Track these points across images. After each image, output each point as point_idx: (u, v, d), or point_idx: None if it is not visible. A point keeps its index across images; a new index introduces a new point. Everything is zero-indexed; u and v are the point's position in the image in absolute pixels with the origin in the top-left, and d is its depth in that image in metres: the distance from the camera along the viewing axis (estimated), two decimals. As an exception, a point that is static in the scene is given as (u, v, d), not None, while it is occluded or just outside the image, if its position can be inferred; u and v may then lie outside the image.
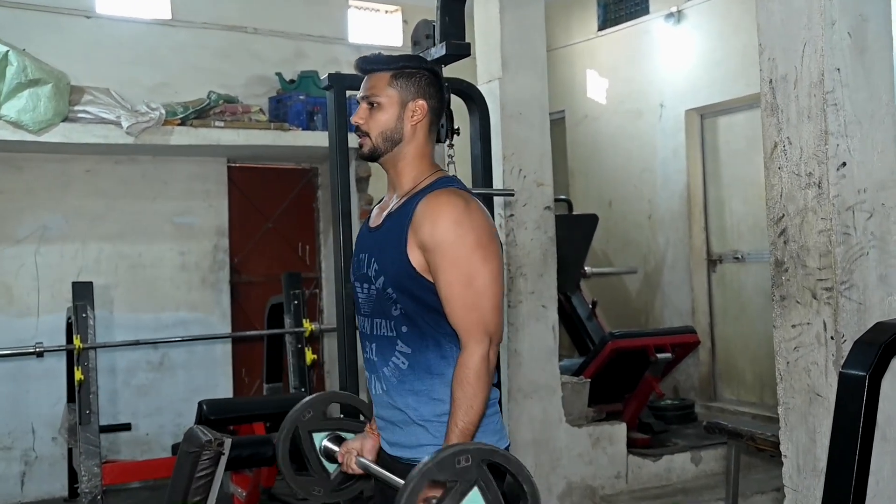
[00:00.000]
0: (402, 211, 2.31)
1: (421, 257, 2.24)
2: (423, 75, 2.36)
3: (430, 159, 2.41)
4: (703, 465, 5.60)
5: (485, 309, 2.21)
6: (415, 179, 2.36)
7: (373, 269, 2.33)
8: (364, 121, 2.35)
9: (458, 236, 2.20)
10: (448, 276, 2.21)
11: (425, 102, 2.35)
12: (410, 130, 2.34)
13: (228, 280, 6.72)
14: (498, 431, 2.36)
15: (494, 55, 5.06)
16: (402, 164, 2.37)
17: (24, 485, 5.97)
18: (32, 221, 6.05)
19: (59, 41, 6.03)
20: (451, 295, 2.21)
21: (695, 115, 6.96)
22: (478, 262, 2.21)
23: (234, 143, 6.06)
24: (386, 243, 2.32)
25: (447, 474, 1.88)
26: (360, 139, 2.38)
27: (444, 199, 2.25)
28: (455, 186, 2.34)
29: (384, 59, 2.37)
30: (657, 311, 7.19)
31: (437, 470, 1.88)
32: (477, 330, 2.20)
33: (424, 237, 2.22)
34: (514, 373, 4.98)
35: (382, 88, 2.33)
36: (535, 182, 5.08)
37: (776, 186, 3.13)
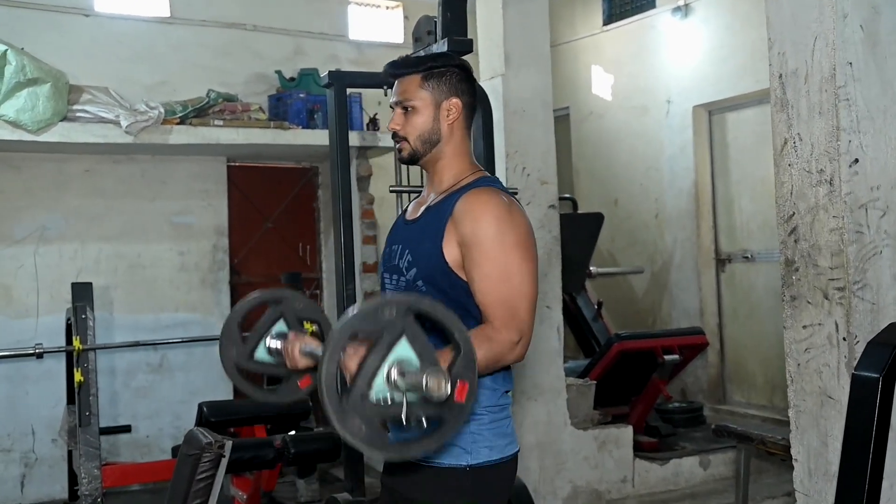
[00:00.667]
0: (441, 206, 2.29)
1: (456, 253, 2.21)
2: (454, 72, 2.32)
3: (469, 157, 2.39)
4: (712, 469, 5.51)
5: (519, 307, 2.16)
6: (455, 177, 2.34)
7: (405, 260, 2.31)
8: (400, 126, 2.32)
9: (499, 232, 2.16)
10: (485, 270, 2.16)
11: (459, 100, 2.31)
12: (448, 130, 2.32)
13: (228, 280, 6.64)
14: (508, 435, 2.32)
15: (497, 51, 4.98)
16: (441, 163, 2.35)
17: (24, 487, 5.91)
18: (31, 221, 5.98)
19: (58, 40, 5.97)
20: (486, 288, 2.16)
21: (702, 111, 6.87)
22: (516, 260, 2.17)
23: (234, 141, 5.98)
24: (422, 236, 2.29)
25: (372, 324, 1.78)
26: (398, 144, 2.35)
27: (488, 197, 2.22)
28: (498, 187, 2.32)
29: (413, 62, 2.33)
30: (664, 311, 7.09)
31: (361, 321, 1.78)
32: (510, 322, 2.14)
33: (465, 232, 2.18)
34: (517, 375, 4.86)
35: (415, 91, 2.29)
36: (539, 180, 4.99)
37: (786, 184, 3.05)
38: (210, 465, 3.49)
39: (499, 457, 2.26)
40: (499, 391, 2.31)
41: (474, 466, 2.22)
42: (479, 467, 2.23)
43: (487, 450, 2.24)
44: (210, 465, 3.49)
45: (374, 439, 1.76)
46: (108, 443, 6.09)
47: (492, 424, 2.27)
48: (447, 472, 2.22)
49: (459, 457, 2.22)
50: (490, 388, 2.28)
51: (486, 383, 2.26)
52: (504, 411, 2.32)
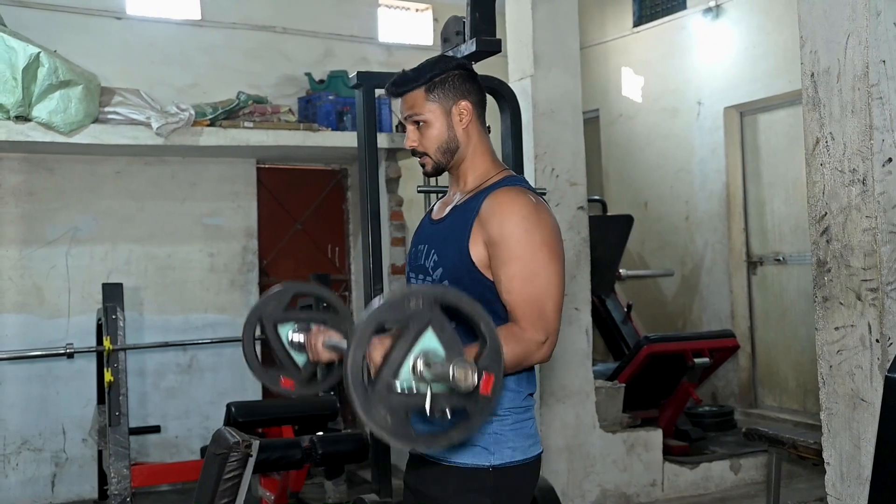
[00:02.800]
0: (468, 205, 2.27)
1: (483, 253, 2.19)
2: (456, 75, 2.30)
3: (491, 155, 2.37)
4: (743, 473, 5.44)
5: (545, 306, 2.14)
6: (481, 177, 2.32)
7: (431, 260, 2.30)
8: (417, 142, 2.31)
9: (525, 232, 2.14)
10: (512, 270, 2.14)
11: (468, 101, 2.30)
12: (464, 134, 2.30)
13: (257, 282, 6.66)
14: (532, 436, 2.30)
15: (526, 52, 4.97)
16: (464, 166, 2.34)
17: (55, 486, 5.96)
18: (63, 223, 6.04)
19: (90, 42, 6.03)
20: (512, 287, 2.14)
21: (734, 112, 6.80)
22: (543, 260, 2.15)
23: (263, 143, 6.00)
24: (448, 236, 2.28)
25: (398, 314, 1.77)
26: (420, 160, 2.34)
27: (514, 196, 2.20)
28: (524, 186, 2.30)
29: (413, 77, 2.30)
30: (695, 314, 7.02)
31: (387, 311, 1.77)
32: (536, 323, 2.12)
33: (492, 231, 2.16)
34: (546, 377, 4.87)
35: (422, 105, 2.28)
36: (568, 182, 4.97)
37: (818, 183, 3.02)
38: (237, 464, 3.51)
39: (522, 458, 2.24)
40: (522, 393, 2.29)
41: (497, 467, 2.21)
42: (501, 468, 2.21)
43: (510, 450, 2.23)
44: (237, 465, 3.51)
45: (399, 430, 1.75)
46: (137, 443, 6.13)
47: (515, 425, 2.25)
48: (470, 471, 2.21)
49: (482, 457, 2.20)
50: (513, 391, 2.27)
51: (510, 385, 2.25)
52: (527, 412, 2.31)
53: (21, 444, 5.88)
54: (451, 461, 2.21)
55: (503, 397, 2.22)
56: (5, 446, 5.84)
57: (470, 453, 2.21)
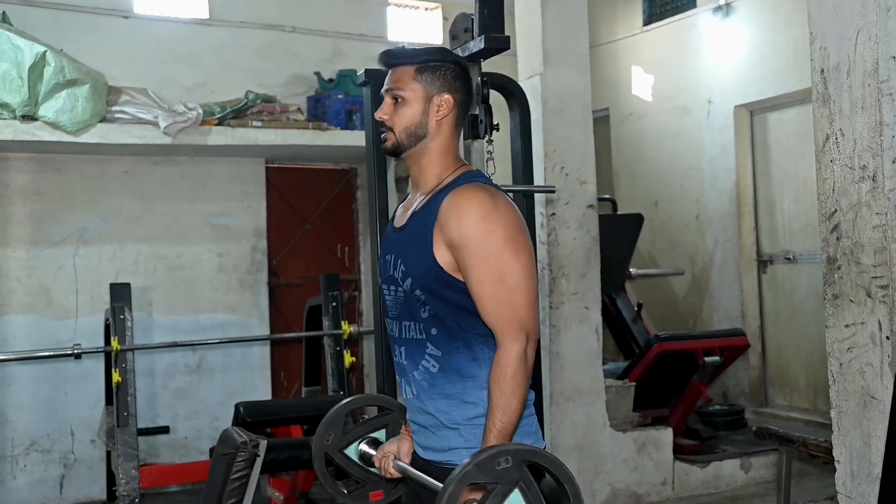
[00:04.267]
0: (426, 209, 2.23)
1: (448, 256, 2.16)
2: (449, 68, 2.27)
3: (454, 154, 2.32)
4: (754, 472, 5.41)
5: (519, 305, 2.12)
6: (439, 176, 2.28)
7: (399, 270, 2.26)
8: (388, 116, 2.27)
9: (486, 232, 2.11)
10: (479, 274, 2.12)
11: (451, 97, 2.26)
12: (435, 126, 2.26)
13: (266, 282, 6.66)
14: (533, 433, 2.28)
15: (536, 50, 4.95)
16: (425, 161, 2.29)
17: (63, 487, 5.97)
18: (71, 223, 6.04)
19: (97, 41, 6.03)
20: (482, 293, 2.13)
21: (744, 111, 6.76)
22: (508, 257, 2.12)
23: (272, 142, 6.00)
24: (412, 243, 2.24)
25: (487, 476, 1.82)
26: (383, 134, 2.30)
27: (470, 195, 2.16)
28: (480, 181, 2.25)
29: (409, 53, 2.29)
30: (705, 313, 6.99)
31: (477, 472, 1.82)
32: (512, 327, 2.12)
33: (452, 234, 2.13)
34: (556, 376, 4.84)
35: (407, 82, 2.25)
36: (578, 180, 4.95)
37: (828, 180, 2.99)
38: (245, 464, 3.49)
39: None
40: None
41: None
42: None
43: None
44: (245, 465, 3.49)
45: None
46: (146, 443, 6.13)
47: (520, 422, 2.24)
48: None
49: None
50: None
51: None
52: (528, 409, 2.27)
53: (29, 445, 5.89)
54: (455, 462, 2.18)
55: None
56: (14, 447, 5.84)
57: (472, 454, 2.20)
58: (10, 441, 5.84)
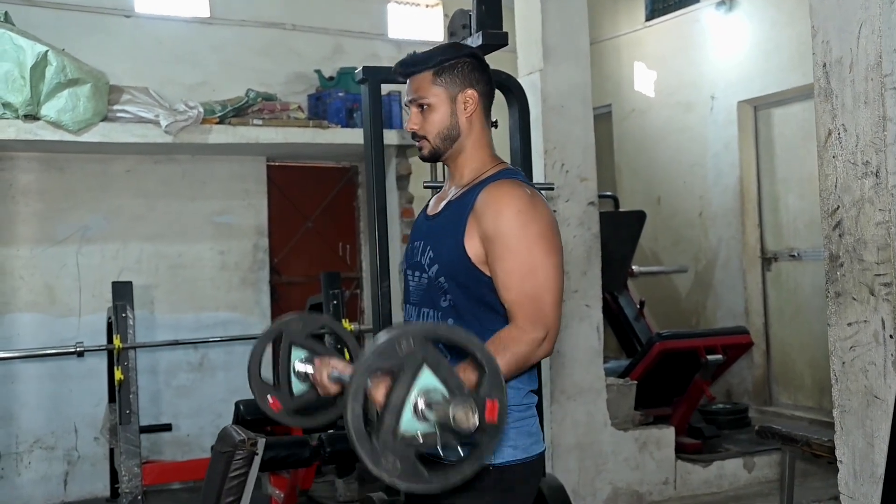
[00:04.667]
0: (462, 200, 2.24)
1: (479, 247, 2.15)
2: (465, 63, 2.27)
3: (489, 149, 2.33)
4: (757, 471, 5.39)
5: (545, 301, 2.10)
6: (476, 170, 2.28)
7: (427, 256, 2.26)
8: (419, 125, 2.27)
9: (522, 225, 2.11)
10: (509, 265, 2.11)
11: (474, 91, 2.26)
12: (466, 123, 2.27)
13: (268, 280, 6.65)
14: (533, 434, 2.27)
15: (535, 46, 4.92)
16: (462, 158, 2.30)
17: (67, 484, 5.97)
18: (74, 221, 6.04)
19: (99, 41, 6.02)
20: (510, 283, 2.11)
21: (747, 106, 6.72)
22: (540, 253, 2.11)
23: (273, 141, 5.98)
24: (443, 231, 2.24)
25: (391, 361, 1.73)
26: (418, 143, 2.31)
27: (509, 189, 2.17)
28: (520, 178, 2.27)
29: (423, 59, 2.28)
30: (709, 311, 6.95)
31: (379, 359, 1.73)
32: (535, 318, 2.08)
33: (487, 226, 2.13)
34: (556, 374, 4.82)
35: (428, 88, 2.25)
36: (579, 177, 4.92)
37: (830, 176, 2.96)
38: (243, 462, 3.49)
39: (523, 456, 2.22)
40: (523, 390, 2.26)
41: (498, 466, 2.17)
42: (503, 466, 2.18)
43: (511, 449, 2.20)
44: (243, 463, 3.49)
45: (411, 474, 1.72)
46: (149, 441, 6.13)
47: (516, 423, 2.22)
48: None
49: None
50: (514, 388, 2.22)
51: (511, 382, 2.19)
52: (529, 410, 2.27)
53: (33, 442, 5.89)
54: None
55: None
56: (18, 445, 5.85)
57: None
58: (14, 438, 5.85)
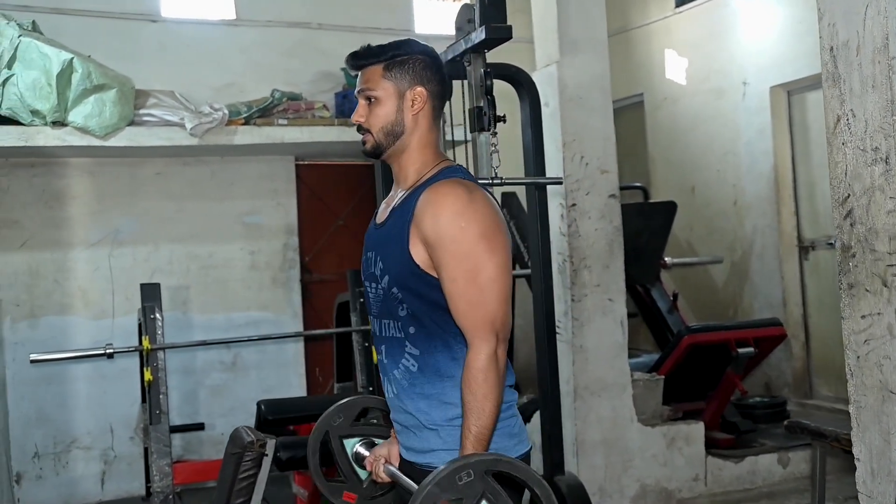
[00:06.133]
0: (404, 205, 2.20)
1: (424, 253, 2.13)
2: (418, 60, 2.24)
3: (434, 148, 2.29)
4: (792, 467, 5.25)
5: (490, 305, 2.09)
6: (419, 171, 2.25)
7: (378, 267, 2.24)
8: (364, 118, 2.26)
9: (460, 229, 2.08)
10: (451, 272, 2.09)
11: (424, 89, 2.23)
12: (412, 121, 2.23)
13: (299, 279, 6.68)
14: (515, 435, 2.23)
15: (552, 37, 4.85)
16: (405, 157, 2.26)
17: (105, 483, 6.08)
18: (105, 225, 6.14)
19: (126, 46, 6.10)
20: (454, 291, 2.09)
21: (781, 91, 6.54)
22: (482, 254, 2.08)
23: (298, 140, 6.00)
24: (389, 240, 2.21)
25: (450, 493, 1.80)
26: (362, 136, 2.29)
27: (446, 190, 2.13)
28: (459, 176, 2.22)
29: (374, 51, 2.25)
30: (746, 302, 6.80)
31: (440, 490, 1.80)
32: (482, 328, 2.08)
33: (426, 231, 2.10)
34: (579, 370, 4.76)
35: (377, 81, 2.23)
36: (599, 169, 4.84)
37: (840, 164, 2.86)
38: (252, 463, 3.49)
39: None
40: None
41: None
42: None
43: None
44: (252, 464, 3.49)
45: None
46: (184, 440, 6.22)
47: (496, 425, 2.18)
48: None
49: None
50: None
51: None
52: (509, 409, 2.24)
53: (71, 442, 6.01)
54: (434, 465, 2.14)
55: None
56: (56, 445, 5.97)
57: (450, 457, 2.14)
58: (52, 439, 5.98)
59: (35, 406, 5.91)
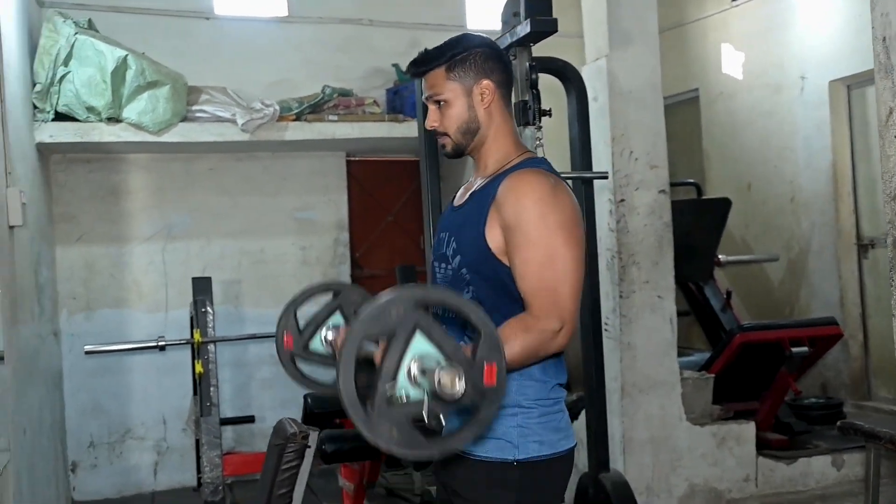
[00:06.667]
0: (486, 190, 2.22)
1: (500, 238, 2.13)
2: (477, 54, 2.24)
3: (513, 137, 2.32)
4: (847, 469, 5.12)
5: (562, 293, 2.06)
6: (501, 160, 2.26)
7: (451, 247, 2.26)
8: (438, 122, 2.26)
9: (541, 215, 2.08)
10: (526, 254, 2.08)
11: (490, 81, 2.24)
12: (485, 115, 2.25)
13: (350, 274, 6.72)
14: (561, 430, 2.22)
15: (601, 31, 4.79)
16: (485, 149, 2.28)
17: (157, 474, 6.19)
18: (159, 220, 6.24)
19: (180, 43, 6.18)
20: (527, 273, 2.08)
21: (840, 85, 6.37)
22: (559, 243, 2.08)
23: (349, 136, 6.03)
24: (466, 222, 2.23)
25: (382, 327, 1.73)
26: (440, 140, 2.30)
27: (530, 178, 2.15)
28: (543, 167, 2.23)
29: (434, 55, 2.25)
30: (802, 301, 6.65)
31: (370, 325, 1.72)
32: (550, 309, 2.05)
33: (507, 214, 2.11)
34: (627, 367, 4.70)
35: (442, 84, 2.23)
36: (648, 164, 4.77)
37: (892, 157, 2.77)
38: (294, 455, 3.50)
39: (550, 452, 2.17)
40: (549, 383, 2.21)
41: (522, 461, 2.14)
42: (527, 462, 2.15)
43: (537, 444, 2.16)
44: (294, 456, 3.50)
45: (408, 441, 1.72)
46: (236, 433, 6.30)
47: (542, 418, 2.18)
48: (494, 465, 2.15)
49: (506, 451, 2.15)
50: (539, 381, 2.19)
51: (535, 375, 2.18)
52: (557, 405, 2.23)
53: (125, 433, 6.12)
54: (477, 455, 2.16)
55: (528, 388, 2.17)
56: (110, 435, 6.09)
57: (495, 446, 2.15)
58: (106, 429, 6.09)
59: (91, 397, 6.03)
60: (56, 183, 5.97)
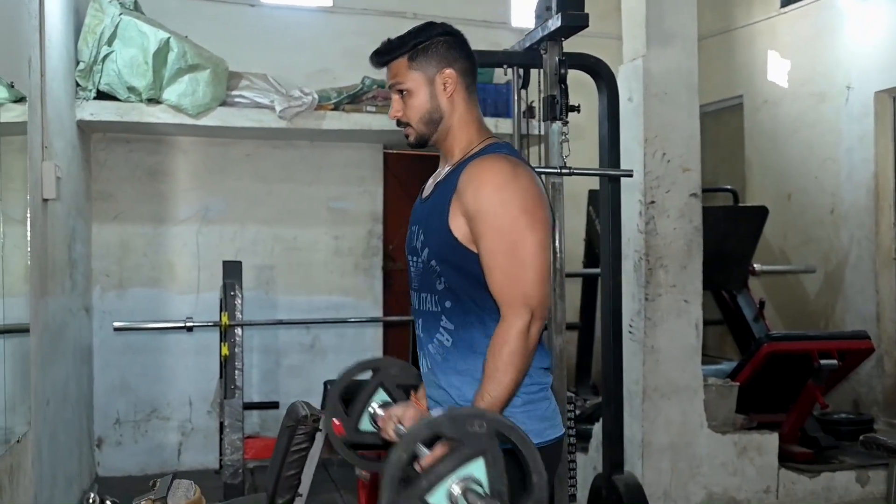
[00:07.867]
0: (448, 179, 2.22)
1: (464, 226, 2.13)
2: (439, 42, 2.24)
3: (477, 124, 2.30)
4: (871, 486, 5.02)
5: (527, 280, 2.07)
6: (464, 149, 2.26)
7: (419, 240, 2.26)
8: (401, 112, 2.29)
9: (502, 202, 2.08)
10: (490, 244, 2.09)
11: (452, 70, 2.24)
12: (448, 103, 2.25)
13: (381, 266, 6.74)
14: (547, 419, 2.22)
15: (639, 31, 4.75)
16: (450, 138, 2.28)
17: (181, 454, 6.27)
18: (195, 202, 6.32)
19: (224, 29, 6.25)
20: (492, 264, 2.10)
21: (886, 97, 6.24)
22: (522, 229, 2.08)
23: (385, 127, 6.04)
24: (432, 213, 2.23)
25: (454, 432, 1.73)
26: (404, 130, 2.32)
27: (489, 164, 2.14)
28: (504, 152, 2.21)
29: (395, 44, 2.26)
30: (837, 315, 6.52)
31: (446, 424, 1.73)
32: (517, 301, 2.07)
33: (468, 204, 2.11)
34: (650, 370, 4.65)
35: (405, 74, 2.24)
36: (681, 167, 4.72)
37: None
38: (305, 437, 3.53)
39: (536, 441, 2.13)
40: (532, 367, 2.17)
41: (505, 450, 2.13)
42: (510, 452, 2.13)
43: None
44: (305, 438, 3.53)
45: None
46: (261, 418, 6.36)
47: (526, 407, 2.18)
48: None
49: None
50: None
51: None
52: (542, 391, 2.22)
53: (150, 412, 6.21)
54: None
55: None
56: (136, 413, 6.19)
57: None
58: (133, 407, 6.19)
59: (119, 374, 6.13)
60: (96, 161, 6.07)
